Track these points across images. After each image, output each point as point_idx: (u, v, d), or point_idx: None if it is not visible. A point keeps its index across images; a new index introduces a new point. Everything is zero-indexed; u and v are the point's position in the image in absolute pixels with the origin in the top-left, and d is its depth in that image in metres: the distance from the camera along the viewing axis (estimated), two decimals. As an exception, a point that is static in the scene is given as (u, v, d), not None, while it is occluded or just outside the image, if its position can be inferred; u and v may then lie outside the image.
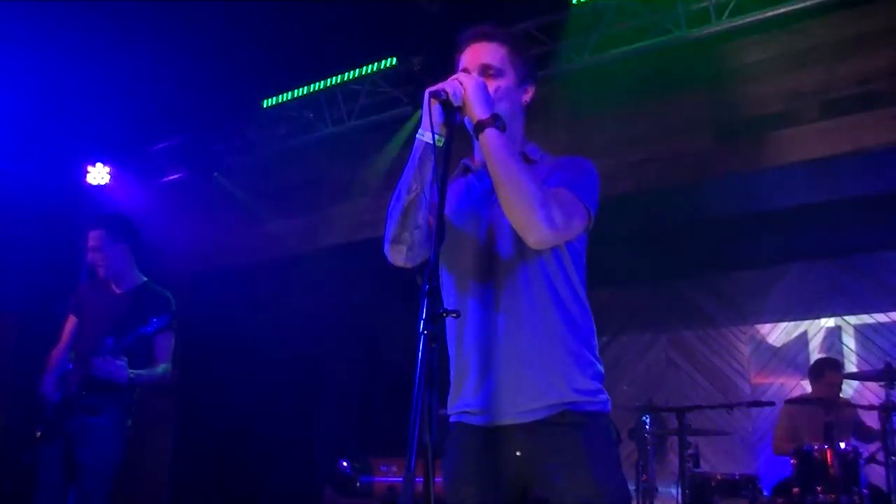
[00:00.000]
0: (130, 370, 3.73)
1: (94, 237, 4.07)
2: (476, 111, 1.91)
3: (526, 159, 2.08)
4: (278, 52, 5.63)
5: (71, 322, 4.09)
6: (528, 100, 2.17)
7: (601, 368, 2.00)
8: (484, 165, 2.07)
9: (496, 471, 1.94)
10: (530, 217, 1.86)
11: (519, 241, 1.95)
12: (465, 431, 1.99)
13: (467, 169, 2.18)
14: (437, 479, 1.56)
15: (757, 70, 4.99)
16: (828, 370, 5.49)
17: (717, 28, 4.89)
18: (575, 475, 1.86)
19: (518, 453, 1.93)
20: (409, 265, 2.04)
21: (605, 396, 1.98)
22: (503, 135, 1.92)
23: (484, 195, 2.07)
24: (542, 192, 1.88)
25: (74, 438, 3.76)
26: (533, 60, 2.22)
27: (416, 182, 1.95)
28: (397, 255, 2.04)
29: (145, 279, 4.18)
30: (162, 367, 3.96)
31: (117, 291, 4.09)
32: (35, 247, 4.25)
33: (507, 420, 1.93)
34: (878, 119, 4.58)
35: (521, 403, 1.92)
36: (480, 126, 1.91)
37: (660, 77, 5.22)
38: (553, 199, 1.89)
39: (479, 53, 2.11)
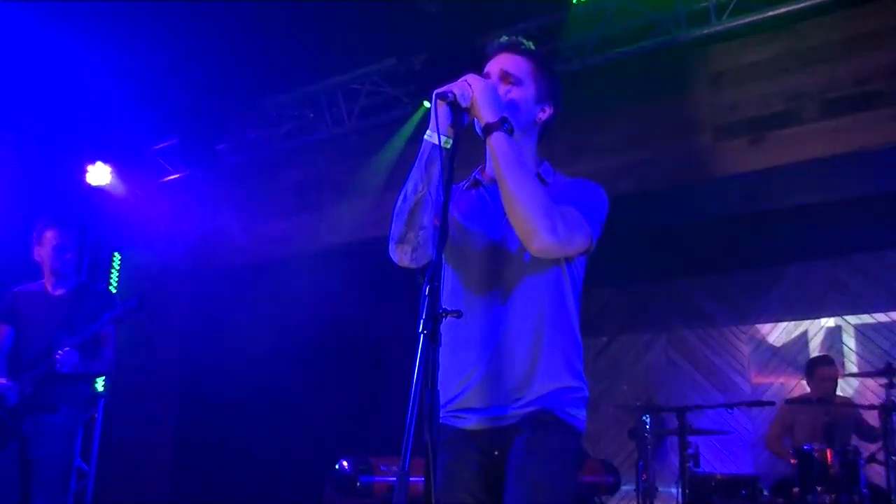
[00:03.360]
0: (88, 361, 3.89)
1: (63, 235, 4.10)
2: (484, 113, 1.91)
3: (539, 179, 2.09)
4: (278, 51, 5.63)
5: (2, 331, 4.08)
6: (544, 118, 2.16)
7: (586, 391, 2.05)
8: (494, 181, 2.09)
9: (483, 472, 1.98)
10: (534, 223, 1.87)
11: (525, 257, 1.98)
12: (449, 433, 2.02)
13: (477, 182, 2.18)
14: (420, 479, 1.57)
15: (757, 70, 4.99)
16: (819, 366, 5.54)
17: (717, 28, 4.90)
18: (524, 461, 1.90)
19: (496, 452, 1.97)
20: (413, 265, 2.04)
21: (582, 416, 2.02)
22: (511, 139, 1.92)
23: (497, 210, 2.07)
24: (547, 201, 1.90)
25: (30, 437, 3.83)
26: (558, 82, 2.21)
27: (422, 183, 1.95)
28: (402, 255, 2.04)
29: (82, 279, 4.23)
30: (110, 358, 4.08)
31: (55, 294, 4.11)
32: (27, 248, 4.26)
33: (490, 424, 1.97)
34: (878, 119, 4.58)
35: (508, 410, 1.96)
36: (488, 129, 1.92)
37: (660, 77, 5.22)
38: (557, 210, 1.91)
39: (502, 61, 2.11)
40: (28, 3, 5.01)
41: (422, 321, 1.62)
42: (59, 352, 3.76)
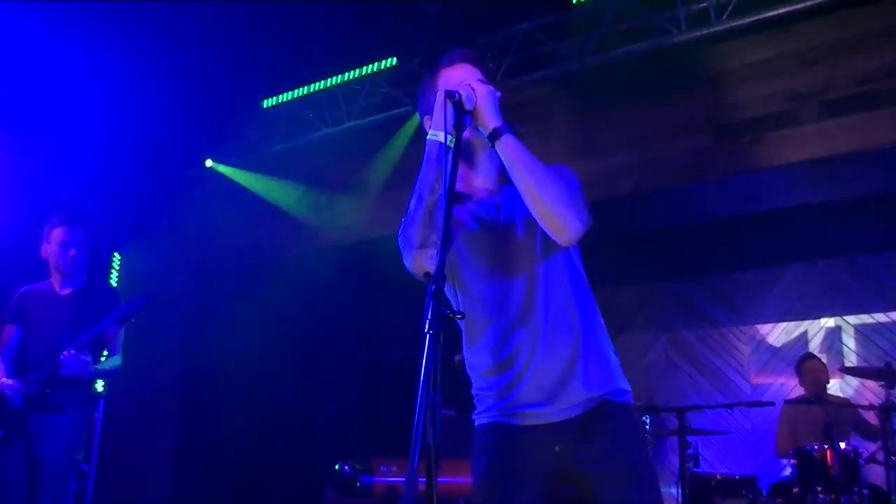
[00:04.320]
0: (93, 363, 3.85)
1: (70, 233, 4.08)
2: (488, 118, 1.95)
3: None
4: (278, 52, 5.63)
5: (9, 331, 4.07)
6: None
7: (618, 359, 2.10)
8: (483, 190, 2.11)
9: (535, 469, 1.97)
10: (566, 215, 1.91)
11: (539, 249, 2.01)
12: (502, 432, 2.00)
13: (459, 199, 2.12)
14: (439, 480, 1.57)
15: (757, 70, 4.99)
16: (806, 361, 5.61)
17: (717, 28, 4.89)
18: (614, 459, 1.92)
19: (557, 448, 1.96)
20: None
21: (629, 386, 2.06)
22: (518, 139, 1.95)
23: (492, 216, 2.09)
24: (567, 191, 1.94)
25: (35, 437, 3.82)
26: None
27: (437, 182, 1.94)
28: (426, 262, 1.91)
29: (89, 278, 4.21)
30: (117, 359, 4.06)
31: (62, 293, 4.10)
32: (33, 247, 4.25)
33: (549, 418, 1.97)
34: (879, 119, 4.58)
35: (563, 401, 1.96)
36: (496, 133, 1.94)
37: (660, 77, 5.22)
38: (574, 197, 1.96)
39: (471, 72, 2.12)
40: (29, 4, 5.01)
41: (427, 321, 1.61)
42: (64, 353, 3.75)
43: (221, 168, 6.96)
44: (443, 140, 1.93)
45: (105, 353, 4.09)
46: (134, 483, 6.84)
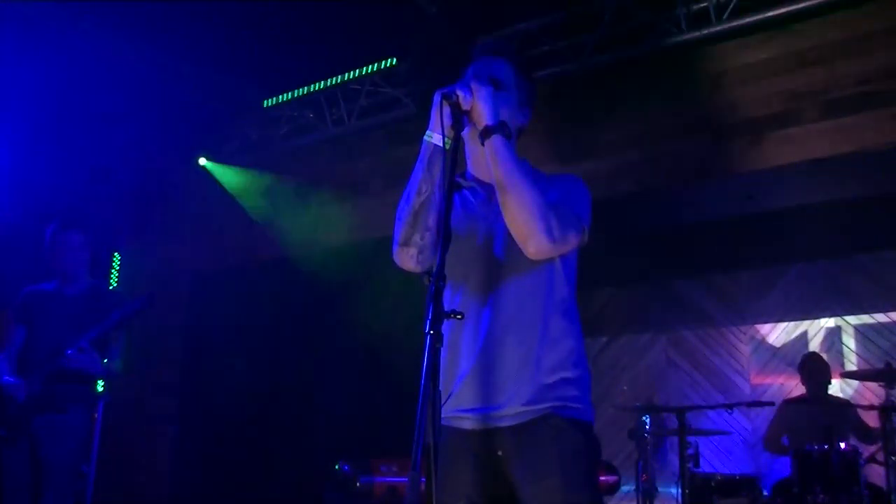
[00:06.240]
0: (97, 361, 3.86)
1: (72, 235, 4.11)
2: (484, 117, 1.92)
3: None
4: (278, 52, 5.63)
5: (13, 330, 4.08)
6: (524, 124, 2.17)
7: (589, 379, 2.03)
8: (477, 180, 2.12)
9: (482, 472, 1.96)
10: (532, 227, 1.88)
11: (516, 252, 1.97)
12: (447, 435, 1.97)
13: (458, 185, 2.16)
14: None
15: (757, 70, 4.99)
16: (808, 361, 5.61)
17: (717, 28, 4.89)
18: (544, 480, 1.87)
19: (500, 453, 1.95)
20: (418, 269, 2.00)
21: (589, 406, 2.00)
22: (509, 143, 1.93)
23: (480, 208, 2.09)
24: (544, 203, 1.90)
25: (39, 437, 3.83)
26: (535, 88, 2.22)
27: (425, 184, 1.95)
28: (408, 259, 2.01)
29: (95, 280, 4.23)
30: (118, 364, 4.07)
31: (67, 293, 4.12)
32: (33, 247, 4.27)
33: (495, 423, 1.95)
34: (878, 119, 4.58)
35: (510, 407, 1.93)
36: (487, 132, 1.92)
37: (660, 77, 5.22)
38: (553, 212, 1.91)
39: (487, 65, 2.11)
40: (30, 4, 5.01)
41: (427, 321, 1.61)
42: (69, 350, 3.76)
43: (210, 166, 6.94)
44: (437, 142, 1.92)
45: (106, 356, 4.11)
46: (134, 483, 6.84)
